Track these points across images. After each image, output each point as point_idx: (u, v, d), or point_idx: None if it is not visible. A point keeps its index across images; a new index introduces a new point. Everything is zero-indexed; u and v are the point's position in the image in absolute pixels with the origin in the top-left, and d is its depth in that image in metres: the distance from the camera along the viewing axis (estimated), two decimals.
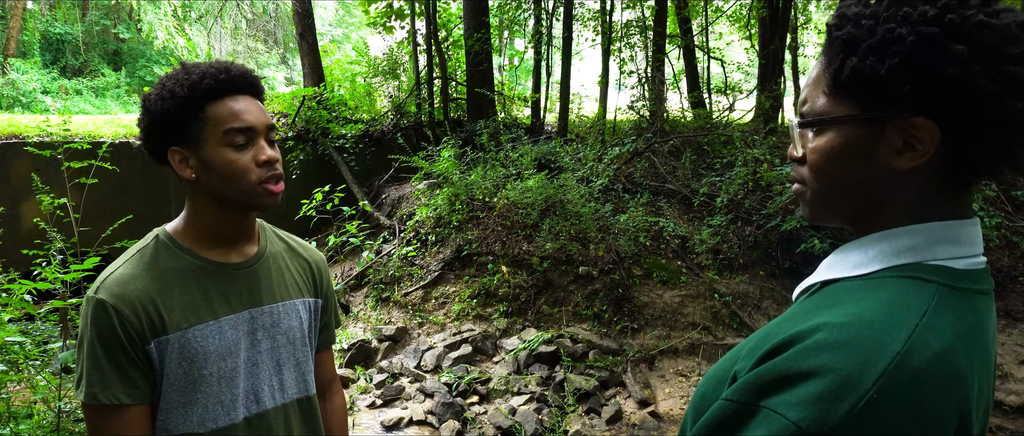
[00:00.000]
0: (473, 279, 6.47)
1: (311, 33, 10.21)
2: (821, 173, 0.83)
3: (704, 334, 5.92)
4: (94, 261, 2.57)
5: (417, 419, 4.66)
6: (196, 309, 1.29)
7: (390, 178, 8.98)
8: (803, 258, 6.50)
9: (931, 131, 0.73)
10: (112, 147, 7.60)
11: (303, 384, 1.46)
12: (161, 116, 1.27)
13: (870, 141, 0.78)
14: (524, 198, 6.94)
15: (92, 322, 1.21)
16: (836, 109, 0.80)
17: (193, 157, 1.28)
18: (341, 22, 28.58)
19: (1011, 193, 7.04)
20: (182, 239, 1.35)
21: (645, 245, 6.70)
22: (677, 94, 12.45)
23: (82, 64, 20.92)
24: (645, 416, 4.82)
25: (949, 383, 0.66)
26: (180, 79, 1.27)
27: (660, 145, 8.83)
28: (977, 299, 0.76)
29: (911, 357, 0.65)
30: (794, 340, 0.70)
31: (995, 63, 0.70)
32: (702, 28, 13.08)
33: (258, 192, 1.30)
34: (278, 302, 1.42)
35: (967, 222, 0.78)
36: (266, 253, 1.44)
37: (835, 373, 0.64)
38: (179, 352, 1.26)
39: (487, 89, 9.91)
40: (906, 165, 0.76)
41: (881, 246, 0.79)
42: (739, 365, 0.78)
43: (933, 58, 0.71)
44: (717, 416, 0.73)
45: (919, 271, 0.75)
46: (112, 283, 1.24)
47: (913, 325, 0.68)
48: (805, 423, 0.64)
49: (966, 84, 0.70)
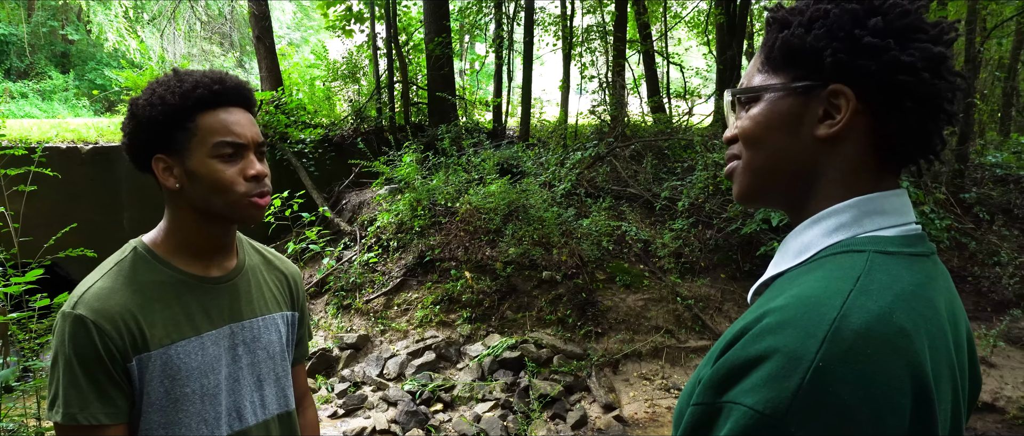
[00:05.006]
0: (436, 285, 6.40)
1: (268, 36, 10.01)
2: (751, 141, 0.87)
3: (667, 337, 5.95)
4: (37, 273, 2.44)
5: (380, 428, 4.58)
6: (178, 325, 1.25)
7: (350, 183, 8.85)
8: (763, 261, 6.59)
9: (848, 97, 0.78)
10: (59, 152, 7.33)
11: (283, 399, 1.43)
12: (148, 122, 1.23)
13: (797, 110, 0.82)
14: (487, 203, 6.89)
15: (70, 339, 1.15)
16: (767, 83, 0.86)
17: (178, 166, 1.25)
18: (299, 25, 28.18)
19: (960, 196, 7.26)
20: (161, 251, 1.30)
21: (608, 249, 6.72)
22: (637, 99, 12.57)
23: (28, 66, 20.21)
24: (610, 420, 4.82)
25: (893, 341, 0.66)
26: (172, 86, 1.23)
27: (622, 149, 8.88)
28: (915, 261, 0.77)
29: (848, 321, 0.66)
30: (743, 332, 0.72)
31: (909, 36, 0.76)
32: (661, 33, 13.23)
33: (243, 204, 1.26)
34: (258, 317, 1.38)
35: (891, 193, 0.81)
36: (245, 266, 1.41)
37: (780, 352, 0.66)
38: (161, 370, 1.22)
39: (449, 93, 9.84)
40: (826, 132, 0.80)
41: (814, 230, 0.82)
42: (703, 370, 0.79)
43: (852, 29, 0.77)
44: (690, 423, 0.73)
45: (851, 245, 0.77)
46: (91, 298, 1.19)
47: (846, 292, 0.69)
48: (761, 406, 0.64)
49: (881, 53, 0.75)
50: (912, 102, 0.76)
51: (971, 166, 7.70)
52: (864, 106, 0.78)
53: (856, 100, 0.77)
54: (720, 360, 0.72)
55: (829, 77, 0.79)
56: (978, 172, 7.80)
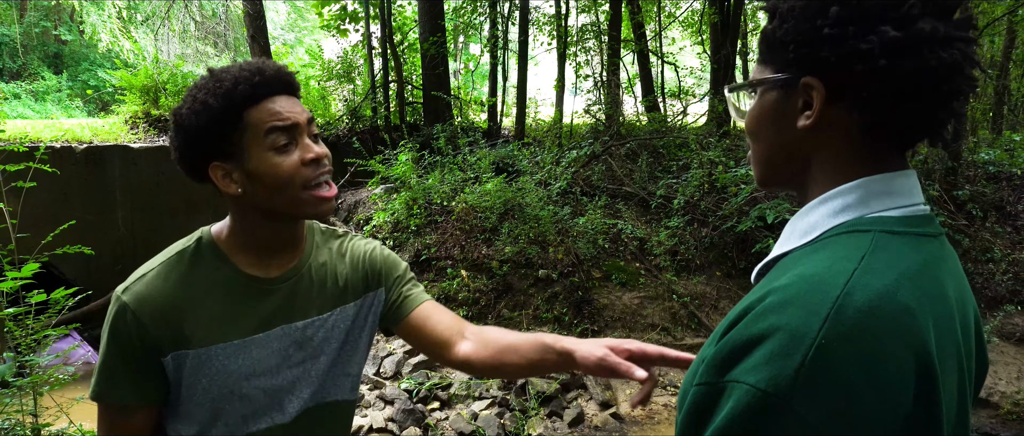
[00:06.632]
0: (432, 284, 6.40)
1: (263, 36, 9.98)
2: (751, 133, 0.90)
3: (663, 335, 5.97)
4: (33, 267, 2.44)
5: (377, 427, 4.58)
6: (223, 326, 1.22)
7: (346, 183, 8.84)
8: (758, 258, 6.59)
9: (818, 88, 0.78)
10: (53, 151, 7.30)
11: (334, 389, 1.38)
12: (198, 131, 1.18)
13: (781, 103, 0.84)
14: (483, 202, 6.90)
15: (112, 322, 1.18)
16: (757, 77, 0.87)
17: (237, 170, 1.20)
18: (293, 26, 28.12)
19: (953, 193, 7.30)
20: (224, 247, 1.27)
21: (604, 248, 6.73)
22: (632, 98, 12.60)
23: (20, 67, 20.10)
24: (607, 418, 4.83)
25: (897, 319, 0.66)
26: (211, 88, 1.18)
27: (617, 148, 8.90)
28: (921, 241, 0.77)
29: (851, 299, 0.66)
30: (746, 311, 0.72)
31: (870, 22, 0.74)
32: (656, 33, 13.26)
33: (308, 201, 1.21)
34: (314, 317, 1.33)
35: (899, 174, 0.80)
36: (309, 262, 1.35)
37: (783, 330, 0.66)
38: (200, 369, 1.21)
39: (444, 93, 9.85)
40: (804, 123, 0.81)
41: (819, 210, 0.82)
42: (705, 351, 0.79)
43: (815, 19, 0.77)
44: (692, 403, 0.73)
45: (857, 225, 0.77)
46: (141, 286, 1.19)
47: (851, 271, 0.69)
48: (763, 384, 0.64)
49: (840, 42, 0.75)
50: (876, 89, 0.75)
51: (964, 163, 7.73)
52: (836, 94, 0.78)
53: (825, 90, 0.78)
54: (723, 340, 0.72)
55: (802, 69, 0.79)
56: (971, 169, 7.84)
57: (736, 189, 6.83)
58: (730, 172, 7.17)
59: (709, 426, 0.70)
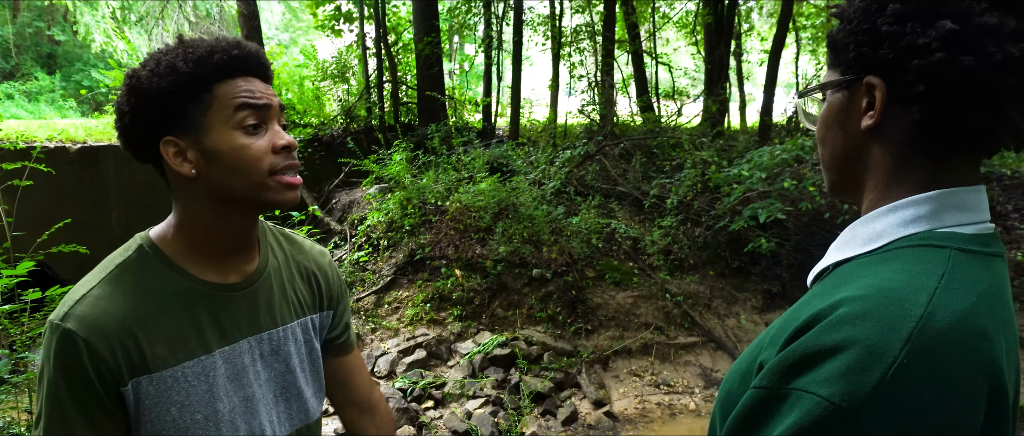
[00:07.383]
0: (426, 283, 6.42)
1: (257, 36, 9.97)
2: (821, 142, 0.89)
3: (657, 334, 6.00)
4: (28, 265, 2.45)
5: None
6: (185, 343, 1.07)
7: (340, 183, 8.85)
8: (751, 258, 6.65)
9: (880, 88, 0.77)
10: (47, 151, 7.29)
11: (304, 412, 1.26)
12: (157, 96, 1.01)
13: (845, 105, 0.83)
14: (477, 201, 6.92)
15: (57, 356, 0.98)
16: (823, 81, 0.87)
17: (192, 148, 1.04)
18: (288, 26, 28.10)
19: None
20: (171, 251, 1.10)
21: (597, 247, 6.76)
22: (626, 98, 12.64)
23: (13, 67, 20.04)
24: (600, 416, 4.85)
25: (975, 343, 0.66)
26: (180, 53, 1.03)
27: (611, 148, 8.93)
28: (991, 262, 0.75)
29: (934, 320, 0.65)
30: (816, 319, 0.70)
31: (930, 17, 0.72)
32: (650, 34, 13.30)
33: (272, 186, 1.08)
34: (279, 327, 1.20)
35: (971, 189, 0.78)
36: (268, 268, 1.21)
37: (860, 344, 0.64)
38: (164, 395, 1.04)
39: (438, 93, 9.87)
40: (867, 123, 0.80)
41: (888, 219, 0.80)
42: (764, 354, 0.77)
43: (875, 18, 0.76)
44: (748, 406, 0.72)
45: (930, 239, 0.75)
46: (84, 309, 1.00)
47: (933, 289, 0.68)
48: (837, 398, 0.63)
49: (898, 39, 0.74)
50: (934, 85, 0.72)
51: None
52: (897, 93, 0.76)
53: (886, 88, 0.76)
54: (791, 346, 0.70)
55: (864, 69, 0.78)
56: None
57: (729, 189, 6.86)
58: (723, 172, 7.21)
59: (766, 430, 0.69)
